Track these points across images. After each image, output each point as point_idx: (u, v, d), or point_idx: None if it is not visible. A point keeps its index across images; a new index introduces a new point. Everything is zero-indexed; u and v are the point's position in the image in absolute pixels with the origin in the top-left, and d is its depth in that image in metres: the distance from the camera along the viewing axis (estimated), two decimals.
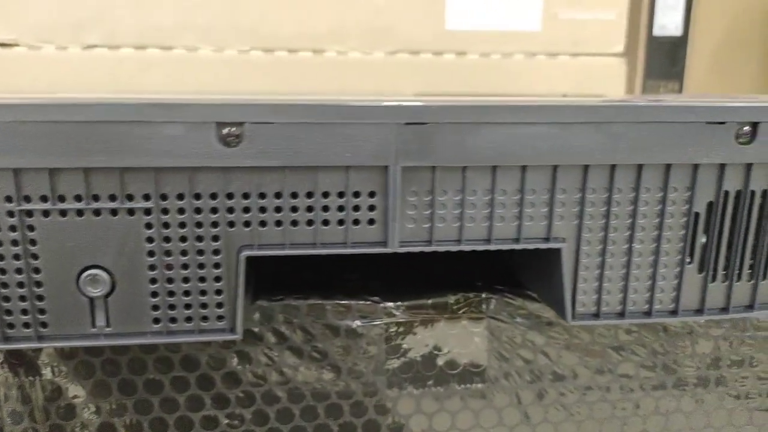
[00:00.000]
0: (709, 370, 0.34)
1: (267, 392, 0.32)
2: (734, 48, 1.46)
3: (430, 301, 0.32)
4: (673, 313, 0.28)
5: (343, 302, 0.31)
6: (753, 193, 0.27)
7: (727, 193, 0.27)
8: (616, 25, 0.85)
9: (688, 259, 0.27)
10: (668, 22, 1.51)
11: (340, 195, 0.24)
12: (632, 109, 0.24)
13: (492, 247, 0.26)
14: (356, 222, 0.25)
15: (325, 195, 0.24)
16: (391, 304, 0.32)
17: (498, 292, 0.33)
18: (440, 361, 0.33)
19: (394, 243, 0.25)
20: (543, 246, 0.26)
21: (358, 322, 0.31)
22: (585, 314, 0.27)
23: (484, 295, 0.32)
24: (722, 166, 0.26)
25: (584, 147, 0.25)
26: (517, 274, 0.33)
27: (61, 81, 0.70)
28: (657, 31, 1.52)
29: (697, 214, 0.27)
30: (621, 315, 0.27)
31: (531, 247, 0.26)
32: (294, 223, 0.25)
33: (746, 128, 0.25)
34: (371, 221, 0.25)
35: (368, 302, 0.32)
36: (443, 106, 0.24)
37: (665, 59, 1.53)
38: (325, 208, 0.25)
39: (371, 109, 0.23)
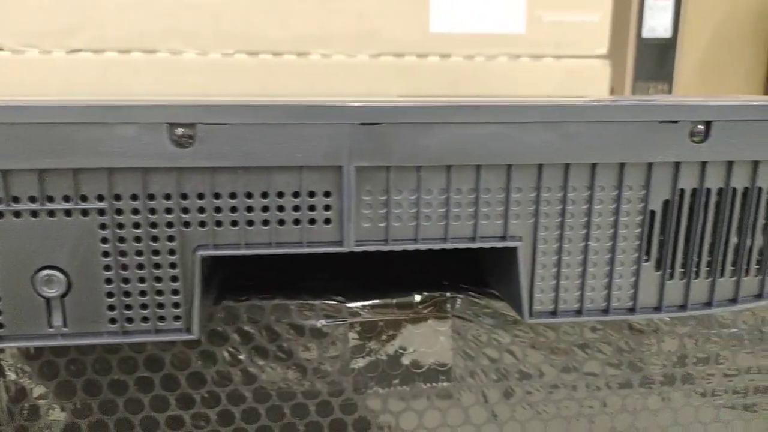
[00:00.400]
0: (675, 368, 0.35)
1: (232, 392, 0.32)
2: (723, 50, 1.47)
3: (395, 301, 0.32)
4: (631, 310, 0.28)
5: (308, 302, 0.32)
6: (709, 191, 0.27)
7: (682, 191, 0.27)
8: (599, 28, 0.86)
9: (645, 257, 0.27)
10: (657, 24, 1.52)
11: (295, 195, 0.25)
12: (584, 108, 0.25)
13: (448, 245, 0.26)
14: (312, 222, 0.25)
15: (280, 195, 0.25)
16: (356, 303, 0.32)
17: (463, 291, 0.33)
18: (406, 361, 0.33)
19: (349, 242, 0.25)
20: (499, 245, 0.26)
21: (322, 322, 0.32)
22: (542, 312, 0.28)
23: (449, 295, 0.33)
24: (677, 165, 0.26)
25: (538, 146, 0.25)
26: (483, 274, 0.34)
27: (46, 85, 0.70)
28: (646, 33, 1.53)
29: (653, 213, 0.27)
30: (578, 313, 0.28)
31: (487, 245, 0.26)
32: (249, 223, 0.25)
33: (699, 127, 0.26)
34: (327, 221, 0.25)
35: (333, 302, 0.32)
36: (396, 106, 0.24)
37: (654, 61, 1.54)
38: (281, 208, 0.25)
39: (324, 109, 0.24)
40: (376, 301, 0.32)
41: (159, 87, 0.75)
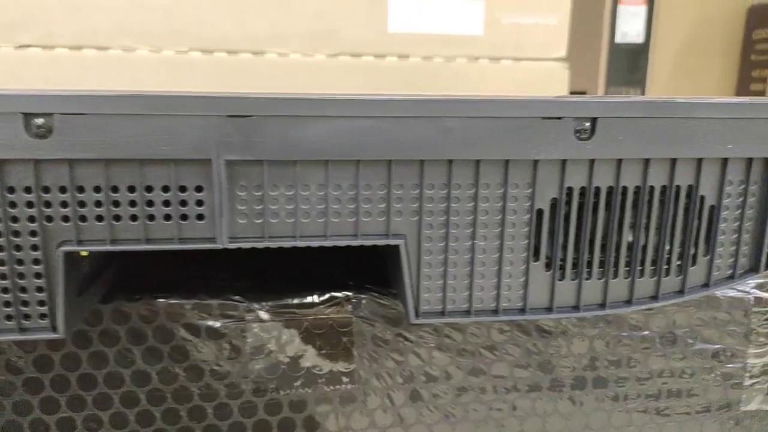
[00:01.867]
0: (585, 371, 0.34)
1: (125, 394, 0.31)
2: (696, 55, 1.48)
3: (295, 301, 0.31)
4: (522, 311, 0.27)
5: (204, 302, 0.31)
6: (598, 189, 0.26)
7: (571, 189, 0.26)
8: (558, 31, 0.86)
9: (534, 257, 0.27)
10: (630, 29, 1.52)
11: (165, 189, 0.24)
12: (462, 104, 0.24)
13: (328, 243, 0.25)
14: (184, 217, 0.24)
15: (149, 189, 0.24)
16: (255, 303, 0.31)
17: (367, 291, 0.32)
18: (307, 362, 0.32)
19: (223, 239, 0.24)
20: (381, 242, 0.25)
21: (219, 322, 0.31)
22: (430, 312, 0.27)
23: (352, 295, 0.32)
24: (564, 162, 0.26)
25: (418, 142, 0.24)
26: (387, 274, 0.33)
27: None
28: (619, 39, 1.53)
29: (540, 211, 0.26)
30: (467, 313, 0.27)
31: (368, 243, 0.25)
32: (116, 218, 0.24)
33: (585, 124, 0.25)
34: (200, 216, 0.24)
35: (230, 301, 0.31)
36: (266, 98, 0.23)
37: (627, 66, 1.54)
38: (150, 203, 0.24)
39: (190, 100, 0.23)
40: (276, 302, 0.31)
41: (111, 84, 0.74)
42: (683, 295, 0.28)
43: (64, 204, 0.23)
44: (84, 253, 0.27)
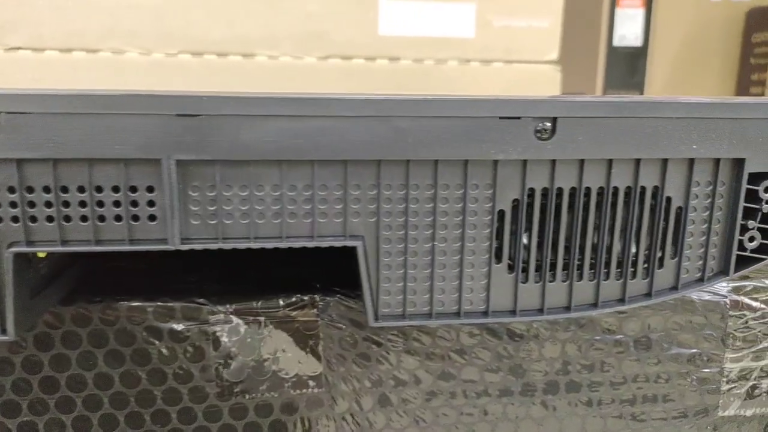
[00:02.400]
0: (558, 375, 0.33)
1: (89, 397, 0.30)
2: (695, 58, 1.47)
3: (260, 304, 0.31)
4: (484, 314, 0.27)
5: (166, 304, 0.30)
6: (560, 190, 0.26)
7: (532, 190, 0.26)
8: (549, 34, 0.85)
9: (496, 259, 0.26)
10: (628, 32, 1.52)
11: (116, 190, 0.24)
12: (418, 103, 0.24)
13: (284, 244, 0.25)
14: (135, 218, 0.24)
15: (99, 190, 0.23)
16: (219, 306, 0.31)
17: (334, 293, 0.32)
18: (273, 366, 0.31)
19: (175, 240, 0.24)
20: (337, 244, 0.25)
21: (182, 325, 0.30)
22: (390, 315, 0.26)
23: (318, 297, 0.31)
24: (524, 163, 0.25)
25: (373, 142, 0.24)
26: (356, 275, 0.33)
27: None
28: (617, 42, 1.53)
29: (502, 213, 0.26)
30: (429, 316, 0.27)
31: (325, 244, 0.25)
32: (67, 218, 0.24)
33: (545, 124, 0.25)
34: (152, 217, 0.24)
35: (194, 304, 0.31)
36: (216, 97, 0.23)
37: (625, 69, 1.54)
38: (100, 204, 0.24)
39: (138, 99, 0.22)
40: (241, 304, 0.31)
41: (100, 86, 0.74)
42: (651, 298, 0.27)
43: (13, 204, 0.23)
44: (41, 254, 0.27)
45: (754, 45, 1.37)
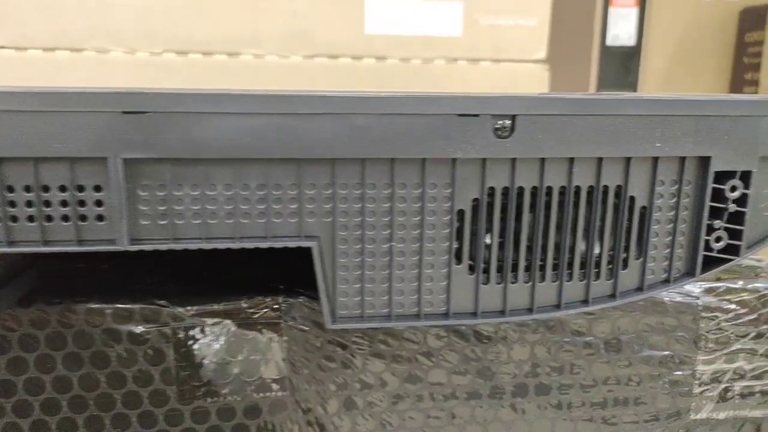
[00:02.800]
0: (527, 378, 0.33)
1: (46, 401, 0.30)
2: (689, 57, 1.47)
3: (221, 306, 0.31)
4: (445, 315, 0.26)
5: (125, 306, 0.30)
6: (522, 189, 0.25)
7: (493, 189, 0.25)
8: (537, 32, 0.85)
9: (456, 260, 0.26)
10: (621, 32, 1.51)
11: (62, 189, 0.23)
12: (374, 100, 0.23)
13: (237, 245, 0.24)
14: (83, 218, 0.23)
15: (45, 189, 0.23)
16: (179, 308, 0.30)
17: (298, 295, 0.31)
18: (235, 369, 0.31)
19: (123, 240, 0.23)
20: (292, 244, 0.25)
21: (141, 327, 0.30)
22: (348, 317, 0.26)
23: (281, 299, 0.31)
24: (484, 161, 0.25)
25: (328, 140, 0.23)
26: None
27: None
28: (610, 41, 1.52)
29: (461, 212, 0.25)
30: (387, 318, 0.26)
31: (279, 245, 0.24)
32: (13, 219, 0.23)
33: (505, 122, 0.24)
34: (100, 217, 0.23)
35: (154, 306, 0.30)
36: (165, 94, 0.22)
37: (619, 69, 1.53)
38: (47, 203, 0.23)
39: (82, 96, 0.22)
40: (201, 306, 0.30)
41: (85, 85, 0.73)
42: (615, 300, 0.27)
43: None
44: None
45: (747, 44, 1.37)
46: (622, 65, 1.44)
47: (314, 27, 0.78)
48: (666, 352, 0.34)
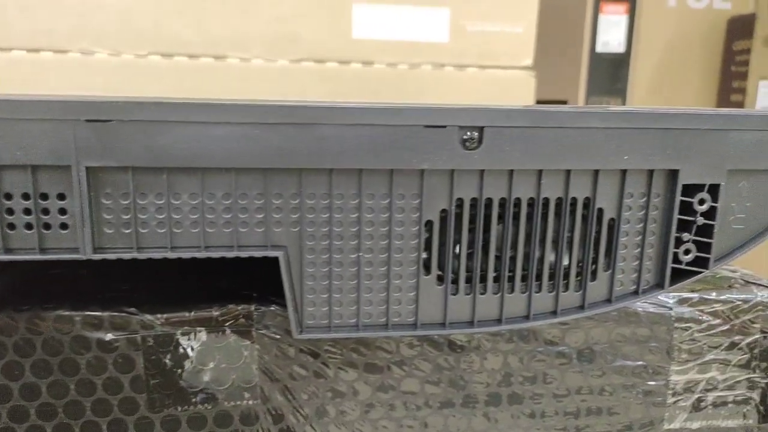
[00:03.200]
0: (500, 387, 0.33)
1: (13, 408, 0.30)
2: (676, 65, 1.48)
3: (192, 314, 0.30)
4: (413, 326, 0.26)
5: (94, 313, 0.30)
6: (490, 201, 0.25)
7: (461, 200, 0.25)
8: (524, 39, 0.85)
9: (425, 271, 0.26)
10: (611, 38, 1.52)
11: (25, 197, 0.23)
12: (340, 111, 0.23)
13: (203, 254, 0.24)
14: (47, 226, 0.23)
15: (8, 197, 0.23)
16: (149, 316, 0.30)
17: (270, 303, 0.31)
18: (206, 377, 0.31)
19: (86, 249, 0.23)
20: (258, 254, 0.24)
21: (110, 335, 0.30)
22: (315, 327, 0.26)
23: (254, 307, 0.31)
24: (452, 173, 0.25)
25: (295, 150, 0.23)
26: None
27: None
28: (600, 48, 1.53)
29: (430, 223, 0.25)
30: (355, 328, 0.26)
31: (245, 254, 0.24)
32: None
33: (473, 133, 0.24)
34: (63, 225, 0.23)
35: (123, 314, 0.30)
36: (126, 102, 0.22)
37: (608, 76, 1.54)
38: (10, 211, 0.23)
39: (44, 104, 0.22)
40: (172, 314, 0.30)
41: (70, 87, 0.73)
42: (584, 311, 0.27)
43: None
44: None
45: (735, 53, 1.38)
46: (611, 72, 1.44)
47: (301, 31, 0.78)
48: (639, 362, 0.34)
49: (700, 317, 0.34)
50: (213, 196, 0.24)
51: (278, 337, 0.31)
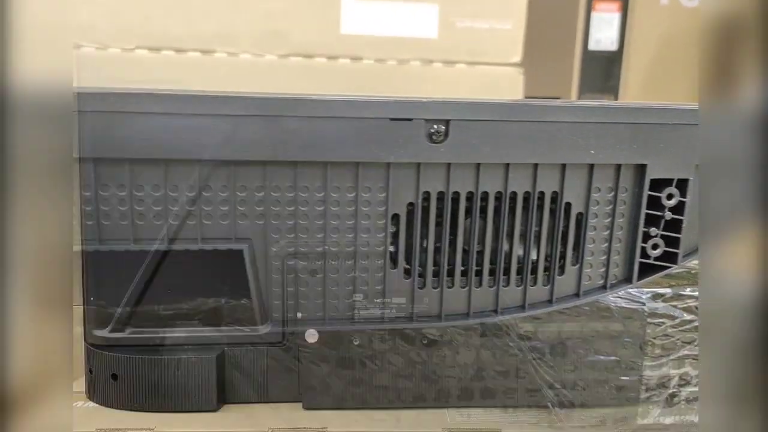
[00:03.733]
0: (473, 382, 0.33)
1: None
2: (669, 63, 1.48)
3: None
4: (380, 319, 0.26)
5: None
6: (457, 194, 0.25)
7: (428, 194, 0.25)
8: (513, 36, 0.85)
9: (391, 264, 0.26)
10: (603, 36, 1.52)
11: None
12: (305, 103, 0.23)
13: (166, 246, 0.24)
14: None
15: None
16: None
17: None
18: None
19: None
20: (222, 247, 0.24)
21: None
22: (281, 320, 0.26)
23: (223, 300, 0.31)
24: (418, 166, 0.25)
25: (260, 142, 0.23)
26: None
27: None
28: (592, 46, 1.53)
29: (396, 216, 0.25)
30: (322, 321, 0.26)
31: (209, 247, 0.24)
32: None
33: (439, 126, 0.24)
34: None
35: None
36: (86, 93, 0.22)
37: (600, 73, 1.54)
38: None
39: None
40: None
41: None
42: (552, 305, 0.27)
43: None
44: None
45: None
46: (603, 70, 1.44)
47: (289, 26, 0.78)
48: (612, 358, 0.34)
49: (673, 313, 0.34)
50: (176, 189, 0.24)
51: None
